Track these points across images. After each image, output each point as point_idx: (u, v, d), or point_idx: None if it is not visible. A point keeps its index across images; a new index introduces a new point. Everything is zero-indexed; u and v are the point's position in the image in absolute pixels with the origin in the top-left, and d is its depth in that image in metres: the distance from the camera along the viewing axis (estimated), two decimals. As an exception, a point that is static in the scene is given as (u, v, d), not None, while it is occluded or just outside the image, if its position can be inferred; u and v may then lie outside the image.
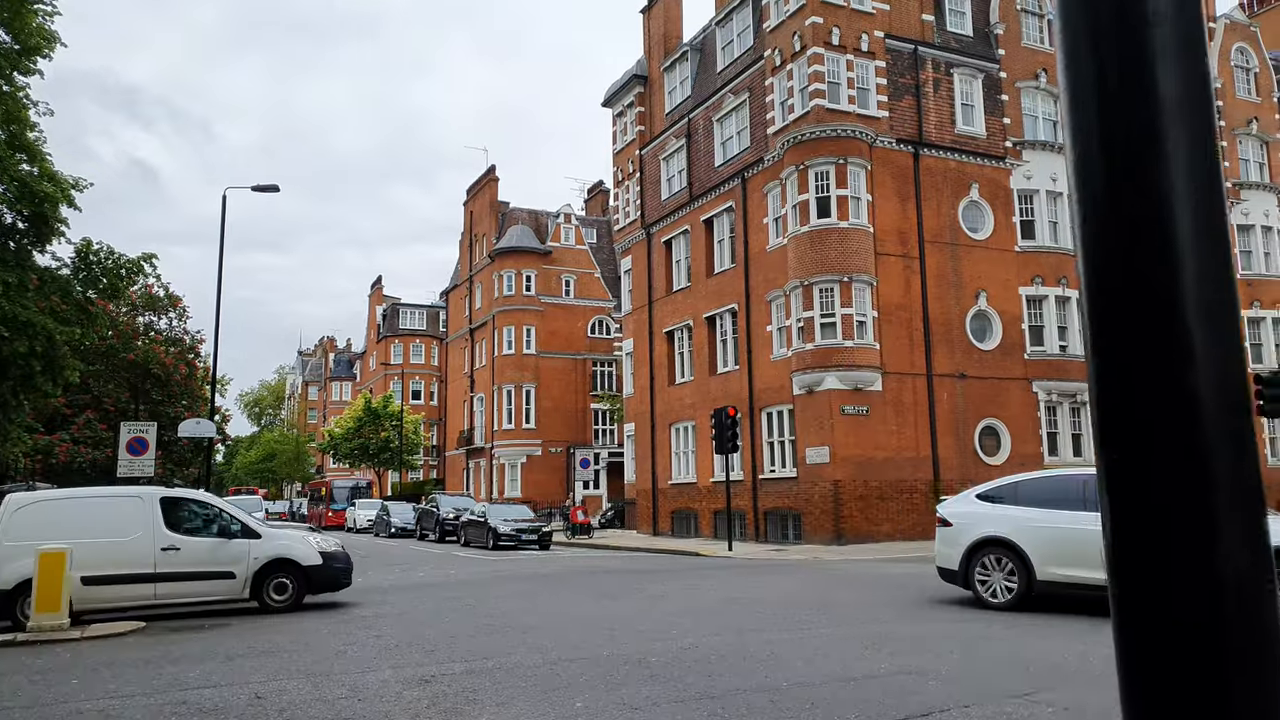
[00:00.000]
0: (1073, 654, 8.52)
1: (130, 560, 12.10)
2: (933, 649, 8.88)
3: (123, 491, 13.48)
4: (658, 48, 37.37)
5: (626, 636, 9.85)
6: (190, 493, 14.36)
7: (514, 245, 54.57)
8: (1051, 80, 30.22)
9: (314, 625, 11.34)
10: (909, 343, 27.17)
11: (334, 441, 61.05)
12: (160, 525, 12.37)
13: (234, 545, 12.63)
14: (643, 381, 36.39)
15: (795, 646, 9.08)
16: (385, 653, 9.25)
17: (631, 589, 15.22)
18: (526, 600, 13.74)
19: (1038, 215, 29.21)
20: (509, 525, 28.98)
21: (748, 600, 13.17)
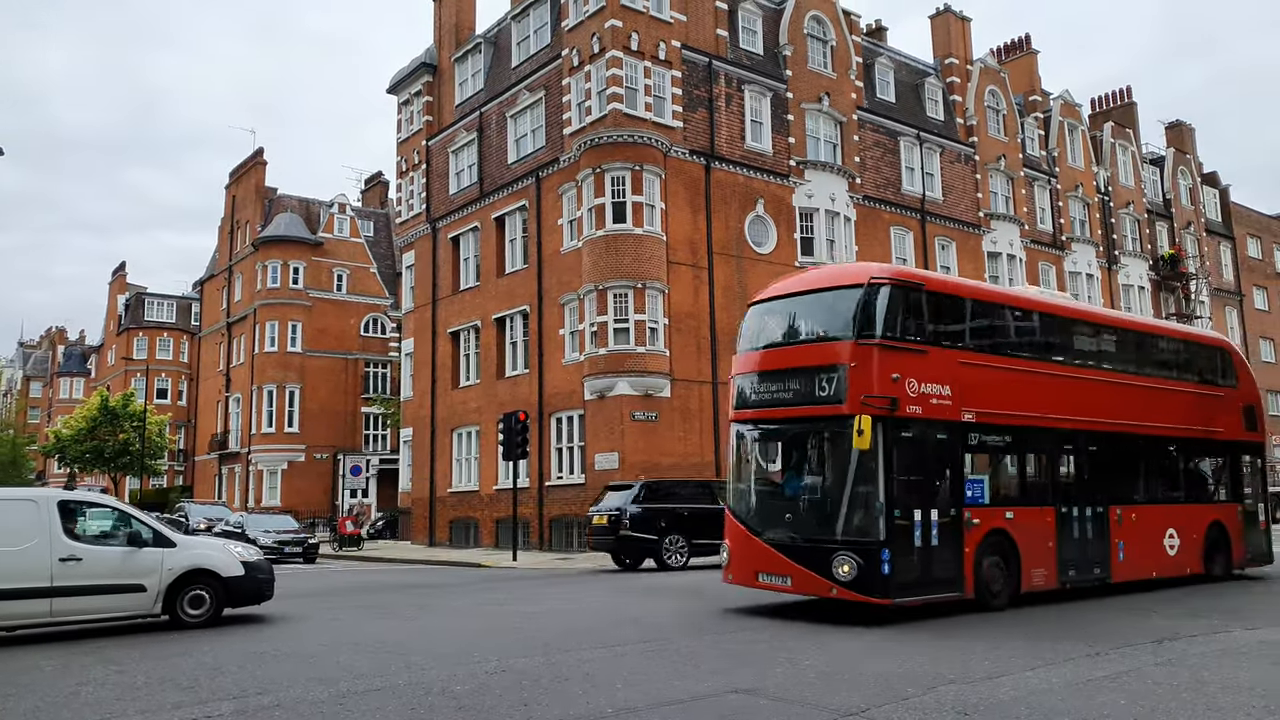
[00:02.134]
0: (893, 662, 8.44)
1: (22, 573, 10.60)
2: (752, 663, 8.54)
3: (15, 494, 12.10)
4: (449, 37, 35.94)
5: (425, 661, 8.81)
6: (95, 496, 12.73)
7: (281, 234, 50.79)
8: (834, 104, 31.76)
9: (33, 661, 9.38)
10: (697, 350, 27.50)
11: (61, 444, 53.95)
12: (59, 533, 10.88)
13: (145, 555, 11.28)
14: (423, 384, 34.73)
15: (610, 666, 8.45)
16: (130, 692, 7.69)
17: (419, 606, 14.03)
18: (299, 622, 12.24)
19: (817, 233, 30.53)
20: (270, 537, 26.60)
21: (547, 615, 12.41)
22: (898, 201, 33.76)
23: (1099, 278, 41.02)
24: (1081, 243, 40.27)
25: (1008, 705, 6.73)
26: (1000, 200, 37.42)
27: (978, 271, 36.07)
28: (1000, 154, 37.39)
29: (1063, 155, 40.69)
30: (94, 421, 53.24)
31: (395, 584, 18.37)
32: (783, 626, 10.83)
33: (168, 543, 11.55)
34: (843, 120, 32.15)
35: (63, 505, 11.22)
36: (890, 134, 34.00)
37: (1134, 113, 46.47)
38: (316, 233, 52.21)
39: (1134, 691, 7.09)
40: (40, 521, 10.87)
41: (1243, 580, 15.87)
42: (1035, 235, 38.70)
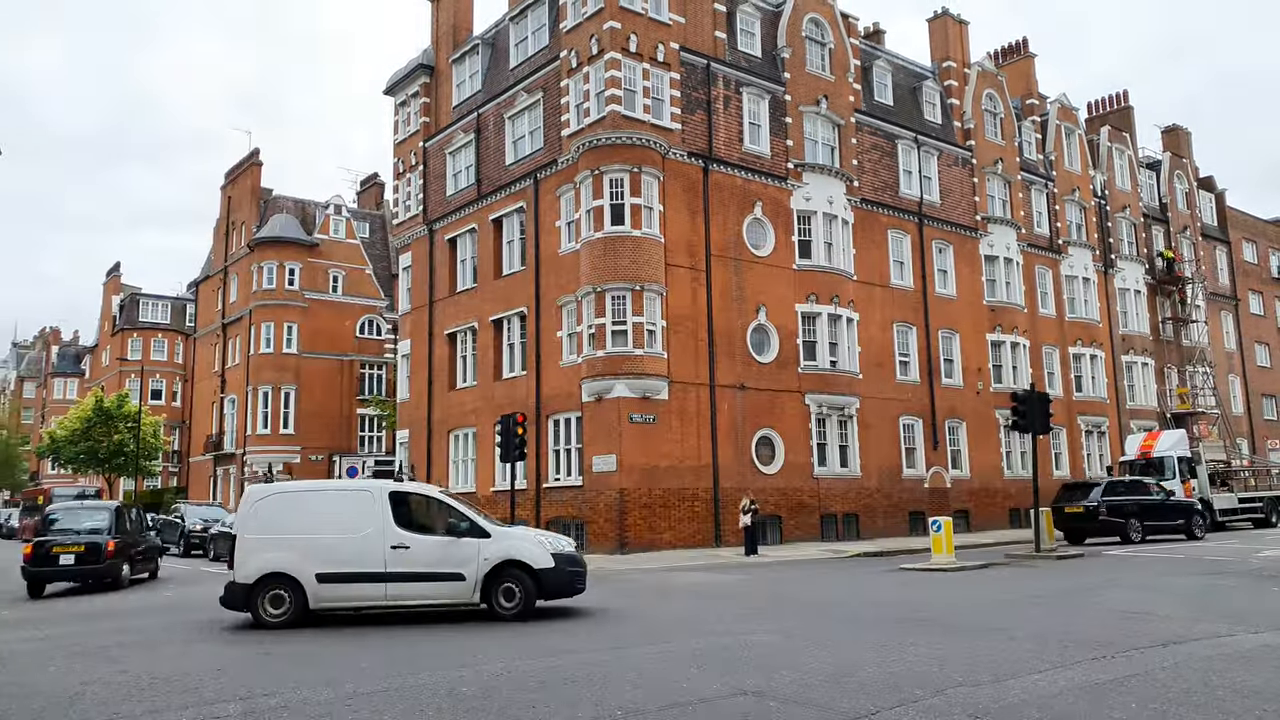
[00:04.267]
0: (900, 663, 8.41)
1: (362, 558, 11.46)
2: (760, 665, 8.50)
3: (354, 485, 13.03)
4: (446, 39, 35.90)
5: (429, 663, 8.76)
6: (419, 487, 12.89)
7: (277, 235, 50.60)
8: (831, 107, 31.79)
9: (37, 661, 9.30)
10: (694, 353, 27.47)
11: (55, 444, 53.74)
12: (390, 521, 11.63)
13: (463, 544, 11.64)
14: (420, 386, 34.64)
15: (617, 668, 8.41)
16: (136, 693, 7.64)
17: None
18: (300, 624, 12.17)
19: (814, 236, 30.54)
20: None
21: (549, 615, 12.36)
22: (895, 205, 33.80)
23: (1095, 281, 41.10)
24: (1078, 246, 40.36)
25: (1019, 708, 6.71)
26: (998, 204, 37.49)
27: (975, 275, 36.16)
28: (998, 157, 37.46)
29: (1060, 159, 40.78)
30: (88, 422, 53.05)
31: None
32: (787, 625, 10.78)
33: (483, 533, 11.65)
34: (841, 123, 32.18)
35: (393, 495, 11.75)
36: (888, 137, 34.04)
37: (1130, 116, 46.62)
38: (312, 234, 52.03)
39: (1144, 695, 7.07)
40: (375, 510, 11.56)
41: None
42: (1032, 239, 38.78)
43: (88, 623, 12.82)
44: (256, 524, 11.81)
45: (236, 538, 11.90)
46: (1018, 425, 21.34)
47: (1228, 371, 49.05)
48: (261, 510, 11.96)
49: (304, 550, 11.47)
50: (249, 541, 11.73)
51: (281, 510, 11.93)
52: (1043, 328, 38.64)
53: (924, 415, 33.28)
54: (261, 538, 11.65)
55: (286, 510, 11.92)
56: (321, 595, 11.47)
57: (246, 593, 11.54)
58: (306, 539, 11.54)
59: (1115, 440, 40.04)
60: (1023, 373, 36.28)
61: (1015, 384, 35.21)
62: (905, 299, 33.53)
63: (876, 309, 32.45)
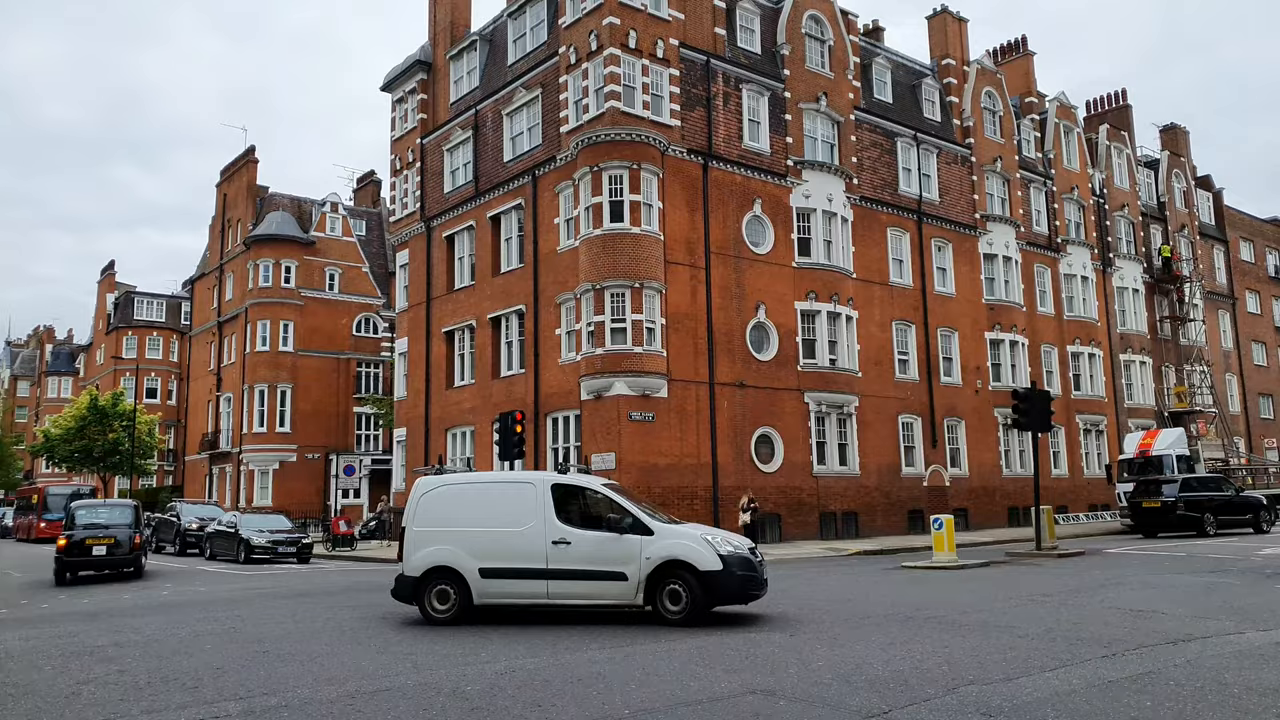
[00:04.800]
0: (908, 661, 8.31)
1: (525, 553, 11.08)
2: (767, 663, 8.39)
3: (517, 477, 12.65)
4: (444, 35, 35.73)
5: (431, 661, 8.65)
6: (582, 479, 12.19)
7: (273, 233, 50.38)
8: (831, 104, 31.68)
9: (32, 660, 9.16)
10: (694, 351, 27.35)
11: (50, 443, 53.48)
12: (552, 515, 11.18)
13: (625, 542, 10.91)
14: (417, 384, 34.48)
15: (623, 666, 8.30)
16: (133, 692, 7.51)
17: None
18: (300, 622, 12.04)
19: (814, 233, 30.44)
20: (264, 536, 26.26)
21: (552, 615, 12.22)
22: (895, 203, 33.71)
23: (1094, 280, 41.06)
24: (1077, 245, 40.30)
25: (1033, 707, 6.61)
26: (996, 202, 37.42)
27: (974, 273, 36.08)
28: (997, 155, 37.39)
29: (1059, 157, 40.73)
30: (83, 421, 52.82)
31: (390, 585, 18.11)
32: (794, 625, 10.67)
33: (645, 530, 10.97)
34: (840, 120, 32.08)
35: (555, 488, 11.32)
36: (887, 134, 33.95)
37: (1129, 115, 46.58)
38: (308, 232, 51.82)
39: (1159, 694, 6.97)
40: (536, 503, 11.14)
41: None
42: (1031, 237, 38.72)
43: (87, 622, 12.67)
44: (423, 516, 11.60)
45: (405, 530, 11.69)
46: (1019, 423, 21.25)
47: (1225, 370, 49.06)
48: (428, 502, 11.72)
49: (468, 544, 11.21)
50: (416, 534, 11.53)
51: (447, 502, 11.71)
52: (1041, 326, 38.59)
53: (923, 414, 33.20)
54: (427, 530, 11.45)
55: (451, 502, 11.70)
56: (485, 590, 11.14)
57: (414, 586, 11.37)
58: (470, 532, 11.27)
59: (1113, 439, 40.00)
60: (1021, 371, 36.22)
61: (1014, 383, 35.16)
62: (904, 297, 33.45)
63: (876, 307, 32.36)
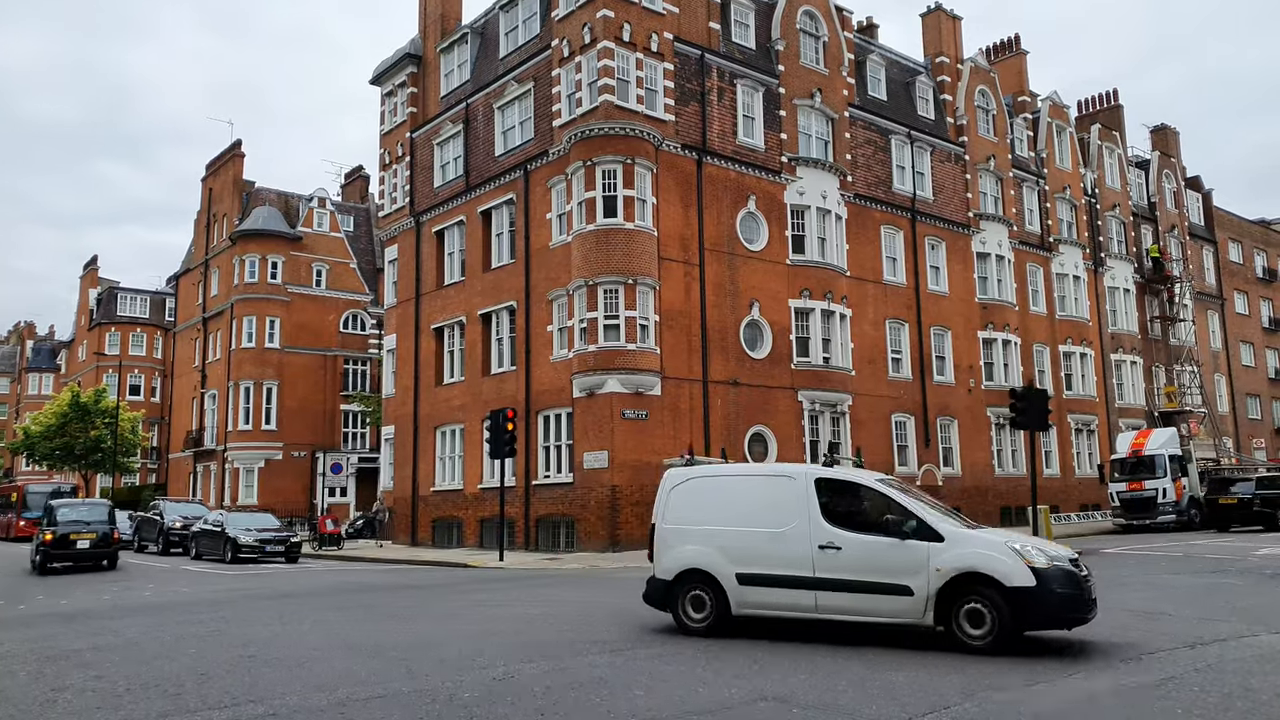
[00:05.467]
0: (923, 669, 8.03)
1: (784, 558, 9.62)
2: (776, 667, 8.10)
3: (776, 469, 11.22)
4: (434, 28, 35.31)
5: (426, 666, 8.32)
6: (851, 473, 10.74)
7: (259, 228, 49.78)
8: (826, 100, 31.45)
9: (6, 666, 8.77)
10: (687, 348, 27.07)
11: (30, 440, 52.69)
12: (817, 515, 9.63)
13: (908, 549, 9.13)
14: (406, 381, 34.06)
15: (625, 672, 8.00)
16: (112, 699, 7.16)
17: (412, 607, 13.50)
18: (288, 624, 11.69)
19: (808, 231, 30.20)
20: (251, 535, 25.83)
21: (548, 617, 11.93)
22: (888, 200, 33.52)
23: (1085, 280, 41.02)
24: (1069, 244, 40.25)
25: (1057, 715, 6.34)
26: (989, 200, 37.30)
27: (967, 271, 35.94)
28: (990, 154, 37.26)
29: (1051, 156, 40.66)
30: (64, 418, 52.06)
31: (383, 584, 17.80)
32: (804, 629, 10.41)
33: (933, 535, 9.14)
34: (834, 117, 31.86)
35: (820, 483, 9.83)
36: (881, 132, 33.75)
37: (1120, 115, 46.59)
38: (296, 227, 51.24)
39: (1186, 700, 6.72)
40: (798, 500, 9.75)
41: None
42: (1024, 236, 38.62)
43: (64, 624, 12.28)
44: (674, 513, 10.48)
45: (654, 527, 10.63)
46: (1016, 422, 21.06)
47: (1214, 370, 49.16)
48: (678, 497, 10.55)
49: (722, 545, 9.97)
50: (666, 533, 10.42)
51: (698, 497, 10.46)
52: (1034, 325, 38.51)
53: (916, 412, 33.03)
54: (678, 529, 10.34)
55: (703, 497, 10.44)
56: (743, 599, 9.81)
57: (665, 590, 10.25)
58: (724, 531, 10.04)
59: (1104, 438, 39.98)
60: (1014, 370, 36.11)
61: (1007, 382, 35.06)
62: (898, 295, 33.27)
63: (869, 305, 32.16)
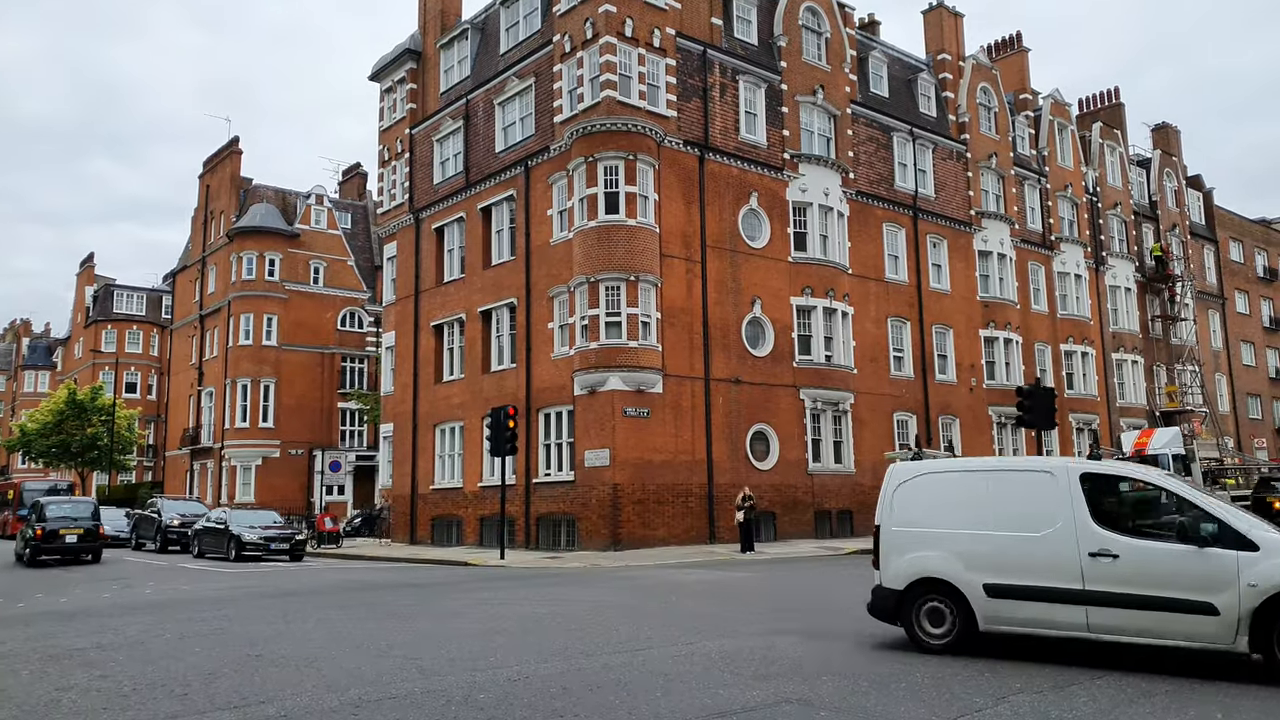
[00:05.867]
0: (949, 666, 7.86)
1: (1047, 567, 8.23)
2: (800, 669, 7.92)
3: (1028, 464, 9.48)
4: (434, 23, 35.07)
5: (437, 666, 8.12)
6: (1127, 468, 9.36)
7: (257, 225, 49.51)
8: (828, 97, 31.27)
9: (8, 665, 8.55)
10: (689, 346, 26.88)
11: (26, 437, 52.39)
12: (1085, 516, 8.22)
13: (1210, 558, 7.55)
14: (405, 378, 33.83)
15: (641, 673, 7.81)
16: (118, 699, 6.96)
17: (416, 606, 13.30)
18: (292, 622, 11.48)
19: (810, 228, 30.02)
20: (255, 533, 25.55)
21: (556, 616, 11.73)
22: (890, 198, 33.36)
23: (1087, 278, 40.90)
24: (1070, 243, 40.13)
25: (1093, 717, 6.17)
26: (991, 198, 37.15)
27: (969, 270, 35.79)
28: (992, 152, 37.12)
29: (1053, 154, 40.53)
30: (61, 415, 51.77)
31: (384, 582, 17.59)
32: (815, 627, 10.21)
33: (1245, 543, 7.51)
34: (837, 114, 31.69)
35: (1088, 479, 8.45)
36: (884, 129, 33.59)
37: (1122, 114, 46.47)
38: (293, 224, 50.98)
39: (1228, 705, 6.55)
40: (1060, 500, 8.38)
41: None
42: (1025, 235, 38.49)
43: (64, 622, 12.05)
44: (901, 513, 9.29)
45: (878, 529, 9.46)
46: (1022, 420, 20.90)
47: (1214, 370, 49.09)
48: (905, 496, 9.33)
49: (963, 550, 8.76)
50: (894, 536, 9.24)
51: (930, 496, 9.24)
52: (1035, 324, 38.37)
53: (918, 411, 32.88)
54: (907, 531, 9.17)
55: (936, 496, 9.22)
56: (994, 614, 8.47)
57: (896, 601, 9.06)
58: (965, 535, 8.83)
59: (1105, 438, 39.84)
60: (1015, 369, 35.98)
61: (1009, 381, 34.93)
62: (900, 293, 33.11)
63: (871, 303, 32.00)
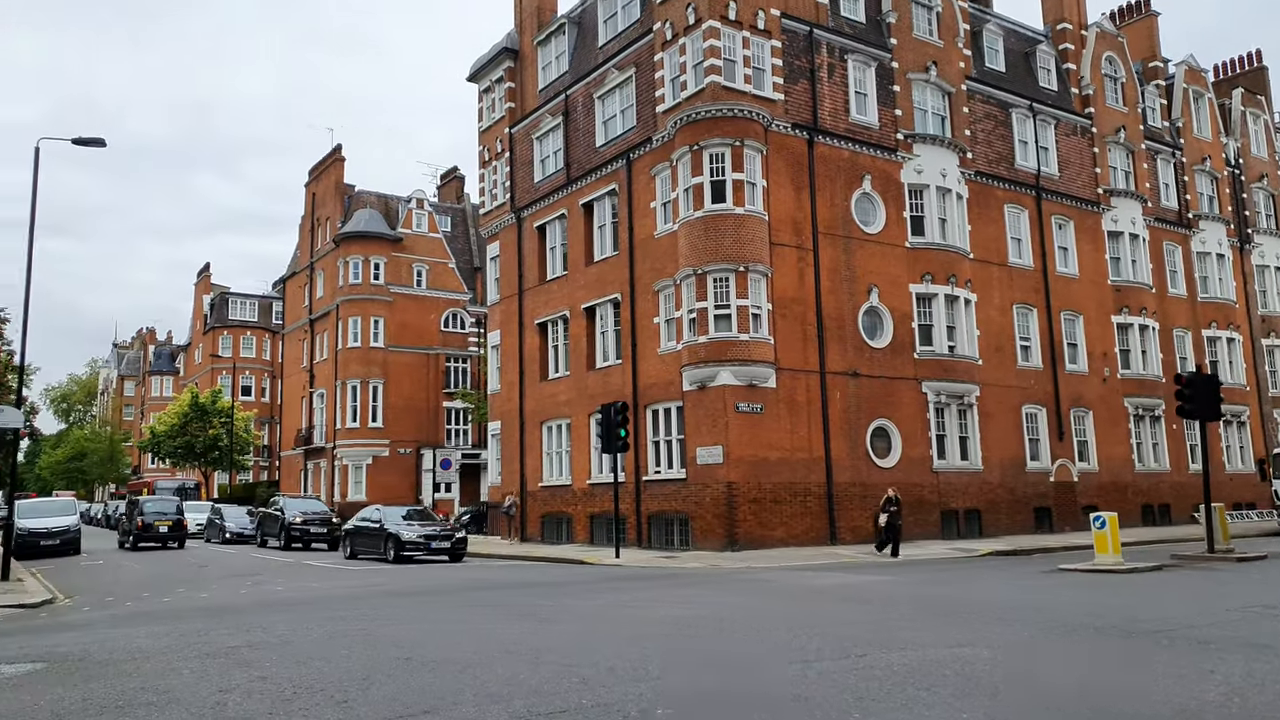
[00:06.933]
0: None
1: None
2: (981, 685, 6.96)
3: None
4: (530, 20, 34.84)
5: (597, 676, 7.45)
6: None
7: (361, 230, 50.46)
8: (941, 74, 29.75)
9: (168, 662, 8.28)
10: (803, 338, 25.86)
11: (156, 439, 54.72)
12: None
13: None
14: (511, 377, 33.70)
15: (824, 688, 6.94)
16: (281, 704, 6.56)
17: (551, 607, 12.73)
18: (432, 623, 11.07)
19: (927, 211, 28.61)
20: (413, 531, 24.09)
21: (700, 620, 10.96)
22: (1011, 178, 31.58)
23: (1230, 258, 38.02)
24: (1210, 220, 37.36)
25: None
26: (1120, 175, 34.85)
27: (1098, 252, 33.64)
28: (1119, 125, 34.81)
29: (1188, 125, 37.83)
30: (185, 418, 53.84)
31: (507, 581, 17.16)
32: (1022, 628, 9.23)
33: None
34: (951, 91, 30.13)
35: None
36: (1001, 105, 31.82)
37: (1265, 78, 43.04)
38: (396, 228, 51.81)
39: None
40: None
41: None
42: (1159, 213, 36.01)
43: (211, 619, 11.95)
44: None
45: None
46: (1184, 411, 19.19)
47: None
48: None
49: None
50: None
51: None
52: (1173, 309, 35.85)
53: (1048, 404, 31.01)
54: None
55: None
56: None
57: None
58: None
59: (1256, 430, 36.99)
60: (1153, 358, 33.66)
61: (1145, 370, 32.72)
62: (1025, 279, 31.30)
63: (995, 289, 30.32)
